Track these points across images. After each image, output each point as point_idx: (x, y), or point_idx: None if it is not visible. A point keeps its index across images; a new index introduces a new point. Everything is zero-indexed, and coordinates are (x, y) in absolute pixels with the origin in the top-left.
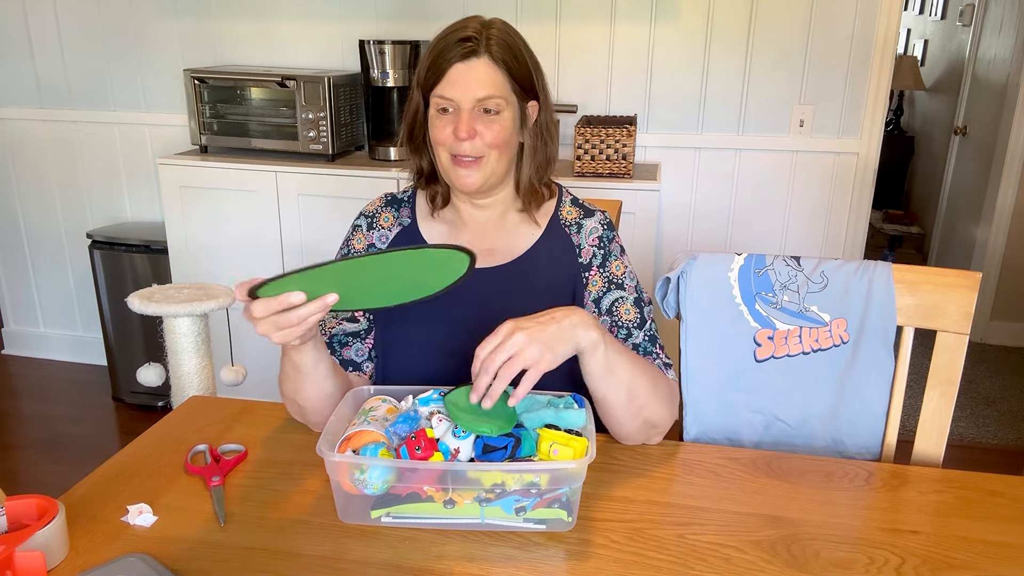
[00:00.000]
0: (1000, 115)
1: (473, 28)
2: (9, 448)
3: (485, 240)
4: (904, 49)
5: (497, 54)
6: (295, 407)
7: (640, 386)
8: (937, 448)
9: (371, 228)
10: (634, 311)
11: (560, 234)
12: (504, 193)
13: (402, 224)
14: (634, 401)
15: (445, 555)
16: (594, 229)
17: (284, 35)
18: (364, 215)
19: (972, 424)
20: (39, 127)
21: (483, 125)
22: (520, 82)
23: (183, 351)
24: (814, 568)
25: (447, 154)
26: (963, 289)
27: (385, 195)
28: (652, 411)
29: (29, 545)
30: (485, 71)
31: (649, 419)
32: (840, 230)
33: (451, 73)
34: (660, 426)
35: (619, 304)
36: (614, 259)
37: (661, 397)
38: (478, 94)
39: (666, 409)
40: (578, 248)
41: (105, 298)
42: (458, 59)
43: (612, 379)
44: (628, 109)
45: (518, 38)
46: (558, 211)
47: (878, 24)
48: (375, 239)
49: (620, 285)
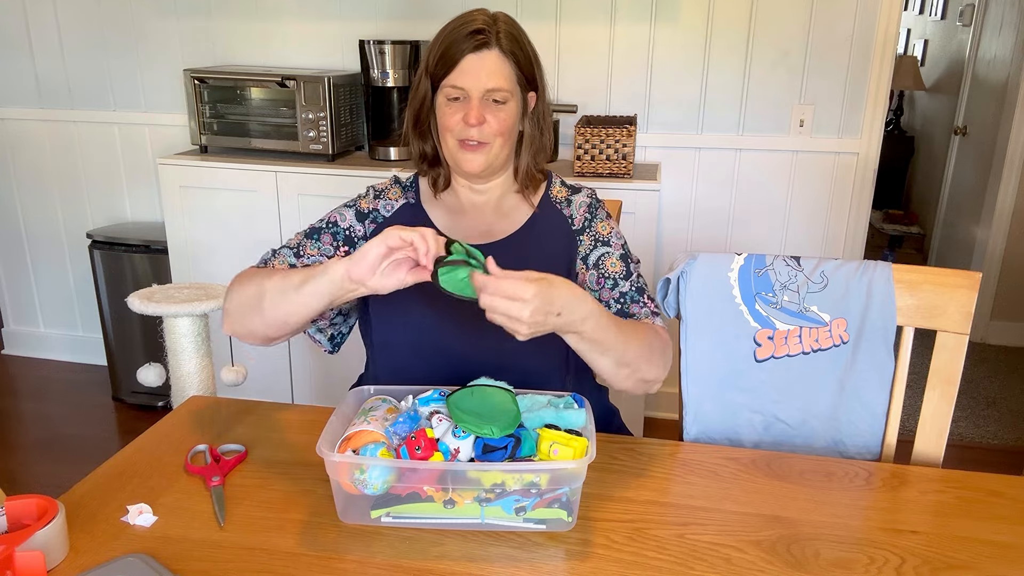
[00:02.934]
0: (1000, 115)
1: (482, 20)
2: (9, 448)
3: (483, 222)
4: (904, 49)
5: (506, 46)
6: (253, 302)
7: (631, 353)
8: (937, 448)
9: (377, 197)
10: (620, 264)
11: (552, 210)
12: (502, 179)
13: (408, 200)
14: (626, 366)
15: (445, 555)
16: (583, 202)
17: (284, 35)
18: (372, 188)
19: (972, 424)
20: (39, 127)
21: (491, 114)
22: (525, 73)
23: (183, 351)
24: (814, 568)
25: (454, 139)
26: (963, 289)
27: (393, 177)
28: (645, 371)
29: (29, 545)
30: (496, 63)
31: (643, 378)
32: (840, 230)
33: (463, 64)
34: (654, 381)
35: (605, 259)
36: (600, 220)
37: (655, 358)
38: (488, 84)
39: (660, 366)
40: (570, 218)
41: (105, 298)
42: (470, 50)
43: (595, 353)
44: (628, 109)
45: (522, 31)
46: (549, 191)
47: (878, 24)
48: (380, 206)
49: (606, 242)
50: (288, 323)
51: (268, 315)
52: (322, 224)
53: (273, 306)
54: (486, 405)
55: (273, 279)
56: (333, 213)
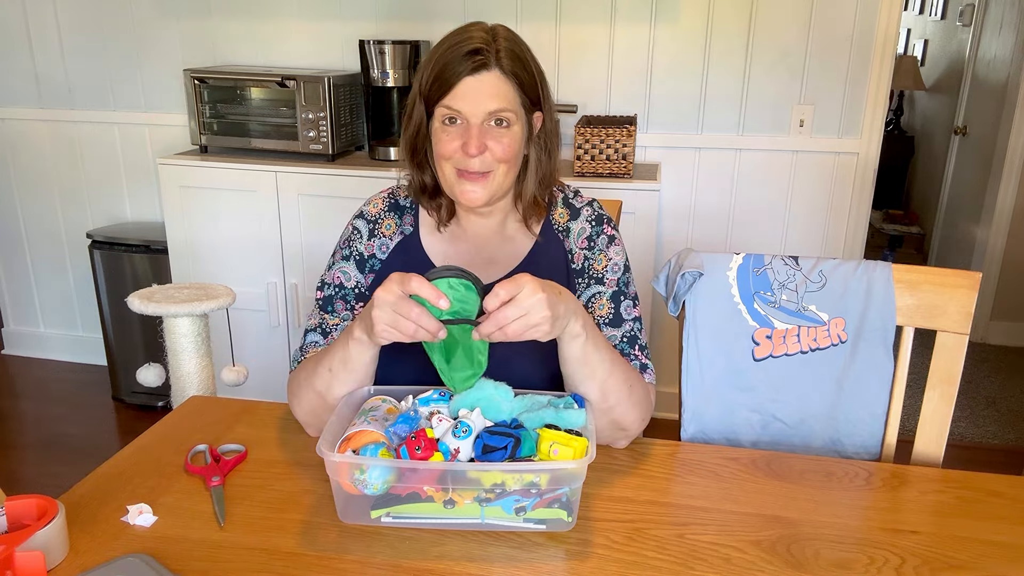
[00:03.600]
0: (1000, 115)
1: (480, 39)
2: (9, 448)
3: (485, 250)
4: (904, 49)
5: (507, 67)
6: (315, 404)
7: (614, 386)
8: (937, 448)
9: (372, 236)
10: (608, 306)
11: (553, 239)
12: (505, 202)
13: (404, 233)
14: (605, 400)
15: (445, 555)
16: (582, 230)
17: (284, 35)
18: (365, 219)
19: (972, 424)
20: (39, 127)
21: (493, 140)
22: (528, 94)
23: (183, 351)
24: (814, 568)
25: (452, 168)
26: (963, 289)
27: (388, 196)
28: (621, 413)
29: (29, 545)
30: (496, 85)
31: (617, 420)
32: (840, 230)
33: (460, 87)
34: (628, 430)
35: (595, 299)
36: (598, 253)
37: (634, 401)
38: (490, 107)
39: (637, 413)
40: (570, 253)
41: (105, 298)
42: (467, 73)
43: (587, 371)
44: (628, 109)
45: (524, 47)
46: (550, 215)
47: (878, 24)
48: (375, 248)
49: (600, 280)
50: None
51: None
52: (331, 292)
53: (339, 397)
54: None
55: (320, 375)
56: (336, 273)
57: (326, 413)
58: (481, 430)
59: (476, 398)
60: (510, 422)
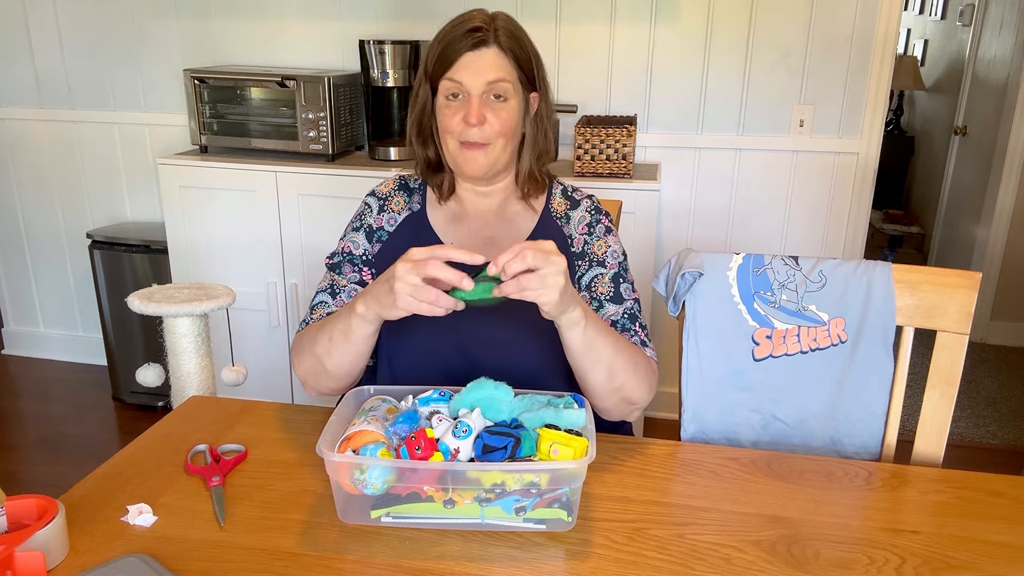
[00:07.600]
0: (1000, 115)
1: (480, 19)
2: (9, 448)
3: (486, 228)
4: (904, 49)
5: (505, 43)
6: (315, 366)
7: (620, 366)
8: (937, 448)
9: (382, 211)
10: (610, 285)
11: (552, 226)
12: (506, 182)
13: (411, 209)
14: (613, 380)
15: (445, 555)
16: (582, 218)
17: (284, 35)
18: (376, 196)
19: (972, 424)
20: (39, 127)
21: (491, 112)
22: (525, 72)
23: (183, 351)
24: (814, 568)
25: (455, 141)
26: (963, 289)
27: (398, 177)
28: (630, 389)
29: (29, 545)
30: (494, 59)
31: (627, 397)
32: (840, 230)
33: (461, 61)
34: (638, 403)
35: (597, 280)
36: (596, 239)
37: (640, 376)
38: (488, 77)
39: (644, 387)
40: (570, 239)
41: (105, 298)
42: (468, 48)
43: (592, 356)
44: (628, 109)
45: (521, 30)
46: (549, 202)
47: (878, 24)
48: (384, 222)
49: (601, 263)
50: (355, 369)
51: (335, 372)
52: (341, 257)
53: (336, 365)
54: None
55: (321, 342)
56: (346, 243)
57: (323, 376)
58: (481, 430)
59: (476, 398)
60: (510, 422)
